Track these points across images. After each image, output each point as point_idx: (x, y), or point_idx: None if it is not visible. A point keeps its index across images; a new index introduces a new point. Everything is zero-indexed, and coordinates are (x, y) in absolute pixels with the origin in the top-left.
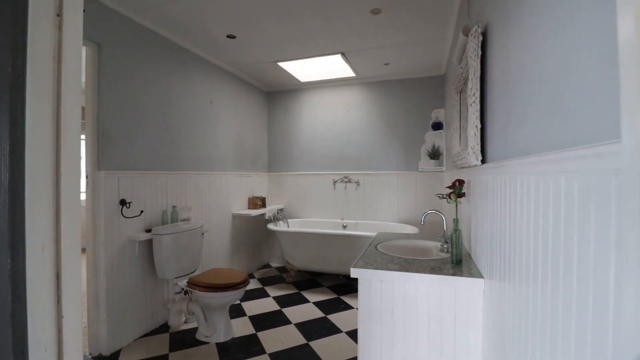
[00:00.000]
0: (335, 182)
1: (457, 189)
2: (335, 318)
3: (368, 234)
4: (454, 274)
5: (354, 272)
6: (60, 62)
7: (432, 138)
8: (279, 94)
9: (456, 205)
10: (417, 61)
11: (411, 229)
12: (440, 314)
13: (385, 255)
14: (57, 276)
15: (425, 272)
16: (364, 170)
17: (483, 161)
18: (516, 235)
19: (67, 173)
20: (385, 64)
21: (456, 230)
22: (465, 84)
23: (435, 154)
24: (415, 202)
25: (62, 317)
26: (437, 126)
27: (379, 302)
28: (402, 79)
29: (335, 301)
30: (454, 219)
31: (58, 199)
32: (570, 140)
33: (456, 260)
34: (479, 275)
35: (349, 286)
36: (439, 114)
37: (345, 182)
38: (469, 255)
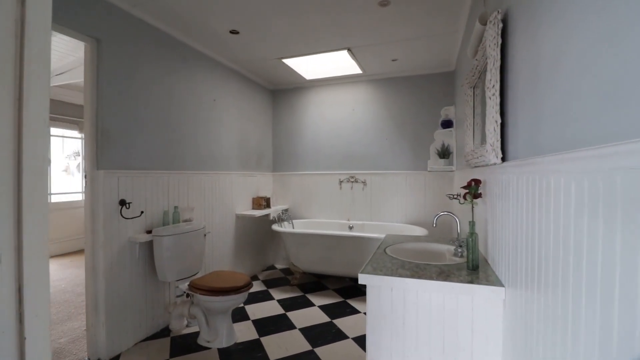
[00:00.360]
0: (341, 182)
1: (473, 190)
2: (342, 323)
3: (375, 235)
4: (471, 282)
5: (362, 278)
6: (24, 42)
7: (442, 136)
8: (284, 92)
9: (472, 207)
10: (426, 57)
11: (420, 231)
12: (456, 324)
13: (395, 259)
14: (19, 291)
15: (439, 279)
16: (371, 170)
17: (503, 159)
18: (550, 242)
19: (30, 171)
20: (393, 60)
21: (472, 233)
22: (480, 78)
23: (445, 153)
24: (424, 202)
25: (25, 338)
26: (447, 124)
27: (389, 311)
28: (411, 76)
29: (342, 305)
30: (470, 222)
31: (20, 200)
32: (624, 133)
33: (472, 266)
34: (498, 283)
35: (356, 289)
36: (448, 112)
37: (352, 182)
38: (485, 260)
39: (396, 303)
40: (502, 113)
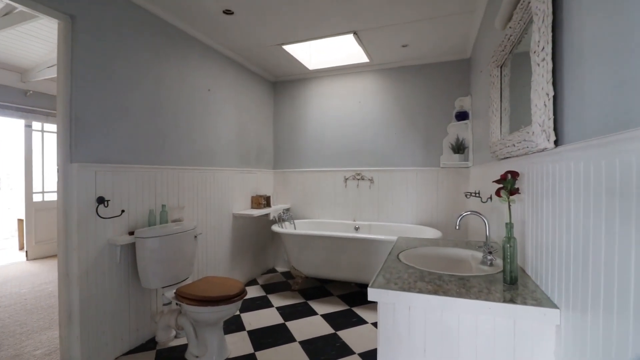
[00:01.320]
0: (346, 179)
1: (510, 184)
2: (347, 335)
3: (384, 237)
4: (511, 300)
5: (372, 294)
6: None
7: (456, 130)
8: (286, 84)
9: (508, 206)
10: (439, 42)
11: (433, 233)
12: (493, 355)
13: (412, 269)
14: None
15: (470, 297)
16: (379, 167)
17: (557, 142)
18: None
19: None
20: (403, 46)
21: (510, 238)
22: (512, 52)
23: (459, 148)
24: (436, 201)
25: None
26: (462, 116)
27: (406, 335)
28: (422, 64)
29: (347, 313)
30: (506, 224)
31: None
32: None
33: (510, 279)
34: (548, 303)
35: (362, 295)
36: (464, 103)
37: (358, 179)
38: (522, 270)
39: (415, 325)
40: (554, 83)
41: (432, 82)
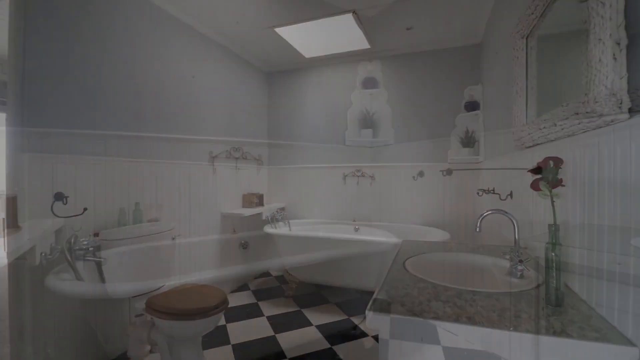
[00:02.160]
0: (345, 176)
1: (552, 173)
2: (344, 351)
3: (386, 239)
4: (564, 332)
5: (372, 319)
6: None
7: (466, 121)
8: (281, 74)
9: (552, 202)
10: (447, 23)
11: (441, 235)
12: None
13: (422, 282)
14: None
15: (505, 327)
16: (380, 162)
17: (631, 110)
18: None
19: None
20: (408, 29)
21: (555, 244)
22: (544, 15)
23: (469, 141)
24: (443, 200)
25: None
26: (472, 106)
27: None
28: (428, 51)
29: (345, 324)
30: (550, 226)
31: None
32: None
33: (556, 300)
34: (617, 336)
35: (362, 303)
36: (474, 92)
37: (358, 176)
38: (565, 285)
39: None
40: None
41: (439, 70)
